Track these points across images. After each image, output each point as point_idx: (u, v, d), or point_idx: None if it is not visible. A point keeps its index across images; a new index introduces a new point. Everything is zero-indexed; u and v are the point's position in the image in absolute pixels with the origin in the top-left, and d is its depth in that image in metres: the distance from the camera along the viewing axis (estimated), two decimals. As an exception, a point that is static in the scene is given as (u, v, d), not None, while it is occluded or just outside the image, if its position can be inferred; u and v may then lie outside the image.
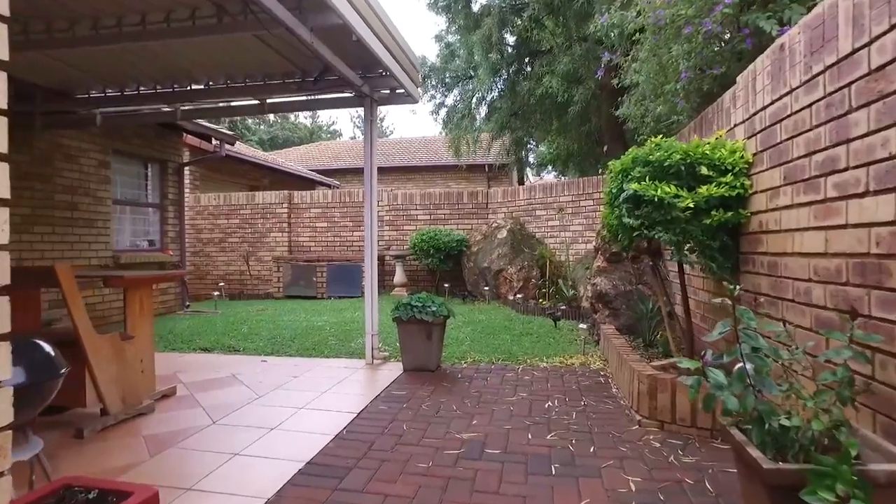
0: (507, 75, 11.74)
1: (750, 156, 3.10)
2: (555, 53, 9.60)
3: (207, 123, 8.84)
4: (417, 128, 48.84)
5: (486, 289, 9.31)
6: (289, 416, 3.56)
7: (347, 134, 48.53)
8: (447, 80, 12.75)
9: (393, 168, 22.06)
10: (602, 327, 5.46)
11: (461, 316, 7.73)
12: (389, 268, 10.99)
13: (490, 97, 12.53)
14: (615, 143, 9.33)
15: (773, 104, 2.82)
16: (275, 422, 3.45)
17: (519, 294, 8.73)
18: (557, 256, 9.34)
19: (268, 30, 3.72)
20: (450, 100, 13.12)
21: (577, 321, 7.05)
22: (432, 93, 13.07)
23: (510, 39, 11.53)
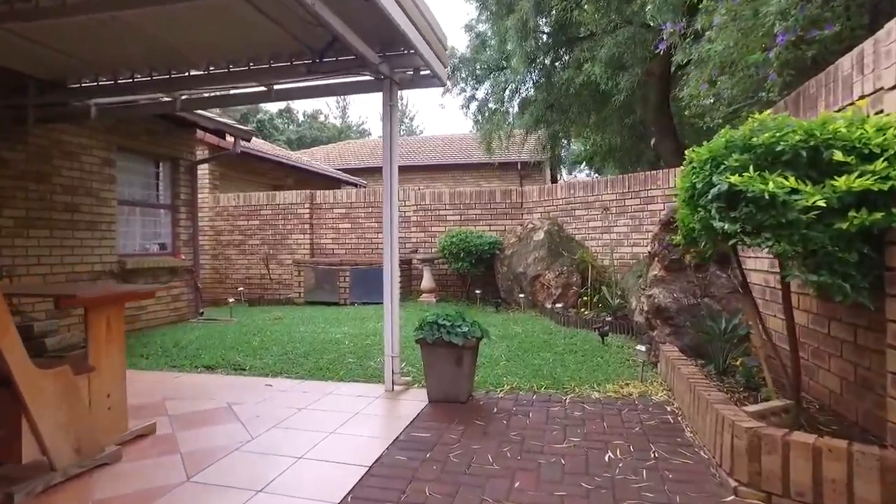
0: (542, 65, 10.90)
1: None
2: (597, 38, 8.73)
3: (221, 118, 8.27)
4: (448, 126, 48.16)
5: (521, 296, 8.51)
6: (283, 471, 2.84)
7: (377, 133, 48.16)
8: (478, 71, 11.96)
9: (421, 166, 21.40)
10: (662, 348, 4.62)
11: (494, 328, 6.96)
12: (417, 272, 10.28)
13: (524, 89, 11.72)
14: (664, 136, 8.43)
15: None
16: (263, 479, 2.74)
17: (558, 303, 7.90)
18: (600, 261, 8.48)
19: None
20: (480, 93, 12.34)
21: (626, 336, 6.21)
22: (462, 86, 12.31)
23: (545, 27, 10.69)
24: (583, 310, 7.59)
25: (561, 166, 18.52)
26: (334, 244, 11.11)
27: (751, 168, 2.40)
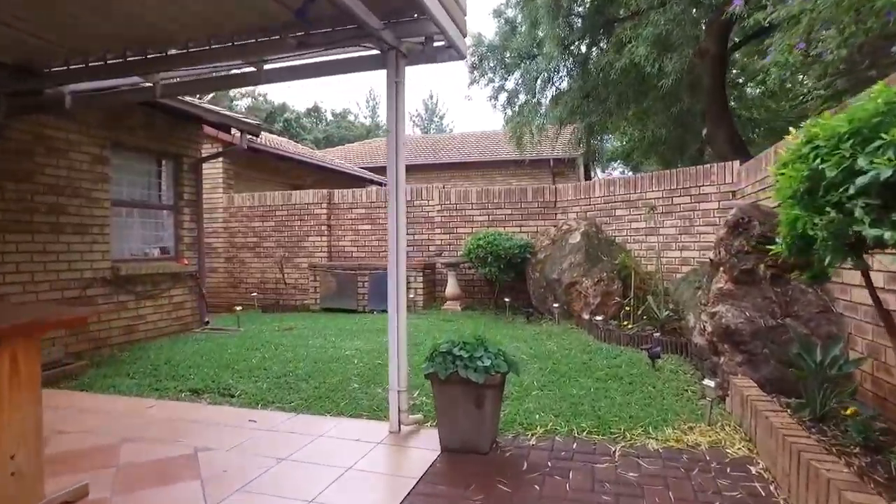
0: (577, 51, 9.98)
1: None
2: (640, 16, 7.77)
3: (226, 112, 7.64)
4: (480, 125, 47.33)
5: (555, 306, 7.63)
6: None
7: (406, 131, 47.46)
8: (507, 60, 11.08)
9: (448, 164, 20.63)
10: (733, 380, 3.72)
11: (525, 344, 6.12)
12: (441, 277, 9.49)
13: (557, 79, 10.81)
14: (718, 126, 7.44)
15: None
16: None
17: (596, 314, 7.01)
18: (644, 266, 7.55)
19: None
20: (510, 83, 11.44)
21: (680, 356, 5.29)
22: (490, 76, 11.42)
23: (580, 9, 9.77)
24: (625, 323, 6.67)
25: (596, 163, 17.45)
26: (353, 246, 10.41)
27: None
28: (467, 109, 67.78)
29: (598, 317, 6.74)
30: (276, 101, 36.97)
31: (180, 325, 7.49)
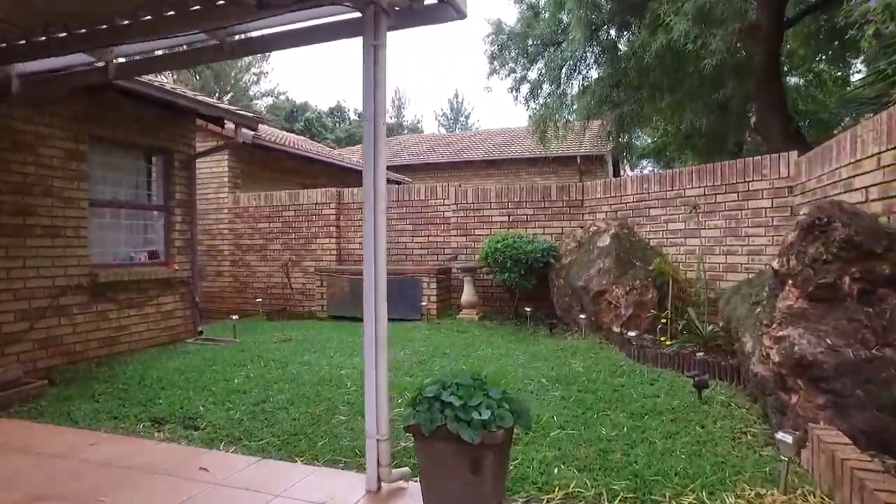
0: (606, 36, 9.11)
1: None
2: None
3: (220, 104, 7.03)
4: (506, 123, 46.38)
5: (581, 317, 6.80)
6: None
7: (429, 131, 46.79)
8: (529, 48, 10.24)
9: (469, 163, 19.86)
10: (814, 431, 2.87)
11: (547, 363, 5.32)
12: (457, 283, 8.73)
13: (583, 67, 9.92)
14: (770, 112, 6.51)
15: None
16: None
17: (629, 328, 6.17)
18: (683, 273, 6.67)
19: None
20: (533, 73, 10.60)
21: (730, 383, 4.43)
22: (511, 66, 10.59)
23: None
24: (662, 338, 5.82)
25: (626, 159, 16.44)
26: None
27: None
28: (494, 108, 66.71)
29: (631, 332, 5.89)
30: (297, 100, 36.70)
31: (170, 335, 6.89)
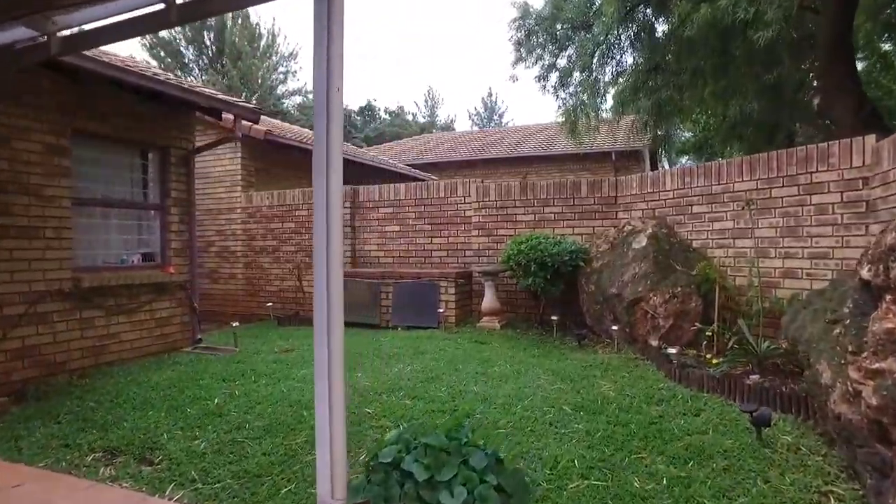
0: (641, 16, 8.27)
1: None
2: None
3: (216, 93, 6.51)
4: (541, 120, 45.47)
5: (614, 328, 6.03)
6: None
7: (463, 127, 46.05)
8: (558, 32, 9.45)
9: (498, 160, 19.11)
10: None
11: (572, 384, 4.60)
12: (479, 287, 8.04)
13: (617, 51, 9.08)
14: (838, 91, 5.58)
15: None
16: None
17: (669, 341, 5.40)
18: (731, 279, 5.83)
19: None
20: (562, 60, 9.80)
21: (797, 417, 3.62)
22: (538, 52, 9.82)
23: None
24: (707, 355, 5.01)
25: (664, 153, 15.41)
26: (380, 251, 9.12)
27: None
28: (528, 107, 65.44)
29: (672, 349, 5.10)
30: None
31: (165, 343, 6.41)
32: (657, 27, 8.20)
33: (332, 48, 2.09)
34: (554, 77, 9.84)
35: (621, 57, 9.05)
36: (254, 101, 27.83)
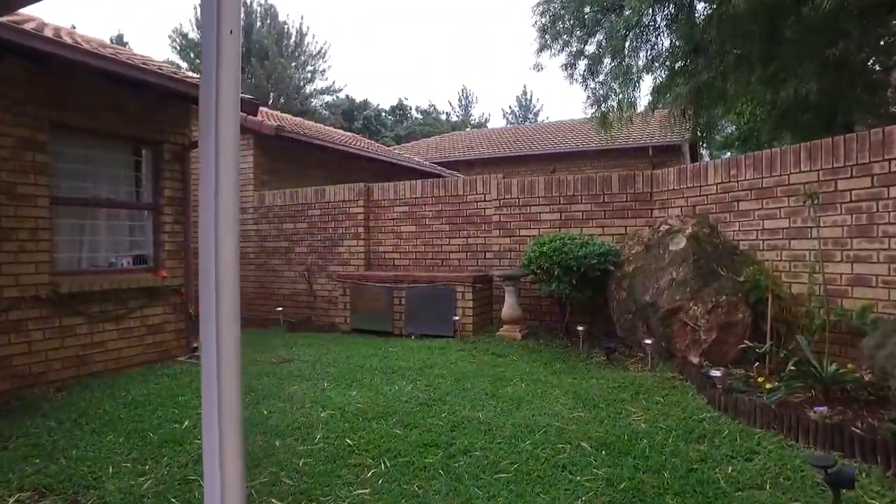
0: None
1: None
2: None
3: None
4: (576, 117, 44.39)
5: (647, 341, 5.28)
6: None
7: (497, 123, 45.20)
8: (586, 16, 8.68)
9: (530, 157, 18.34)
10: None
11: (593, 412, 3.90)
12: (499, 293, 7.37)
13: (651, 34, 8.27)
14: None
15: None
16: None
17: (712, 358, 4.67)
18: (787, 286, 5.02)
19: None
20: (591, 46, 9.01)
21: (887, 467, 2.84)
22: (565, 38, 9.04)
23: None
24: (759, 378, 4.23)
25: (705, 146, 14.37)
26: (395, 252, 8.54)
27: None
28: (564, 104, 63.80)
29: (715, 370, 4.33)
30: (357, 98, 36.26)
31: (158, 352, 5.97)
32: (696, 5, 7.37)
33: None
34: (582, 65, 9.03)
35: (657, 39, 8.23)
36: (281, 101, 27.81)
